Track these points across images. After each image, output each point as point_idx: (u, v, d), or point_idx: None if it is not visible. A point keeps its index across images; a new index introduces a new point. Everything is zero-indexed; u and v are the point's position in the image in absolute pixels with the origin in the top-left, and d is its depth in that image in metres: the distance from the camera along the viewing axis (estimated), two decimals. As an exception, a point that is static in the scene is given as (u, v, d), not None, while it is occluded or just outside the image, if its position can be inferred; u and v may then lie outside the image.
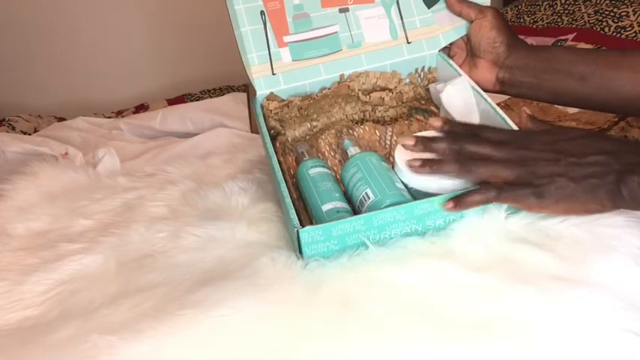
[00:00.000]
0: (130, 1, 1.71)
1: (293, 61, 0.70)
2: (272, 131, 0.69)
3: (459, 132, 0.52)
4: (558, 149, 0.47)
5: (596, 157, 0.46)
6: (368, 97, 0.72)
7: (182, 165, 0.87)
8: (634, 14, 1.10)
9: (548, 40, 1.19)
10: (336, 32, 0.70)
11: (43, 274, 0.59)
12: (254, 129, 1.20)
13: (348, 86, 0.71)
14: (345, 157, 0.65)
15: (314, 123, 0.71)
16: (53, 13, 1.68)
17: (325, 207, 0.54)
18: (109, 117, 1.48)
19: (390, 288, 0.47)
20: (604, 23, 1.14)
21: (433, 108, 0.71)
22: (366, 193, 0.54)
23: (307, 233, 0.49)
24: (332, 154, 0.68)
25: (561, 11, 1.27)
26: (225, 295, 0.48)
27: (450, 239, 0.52)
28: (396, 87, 0.73)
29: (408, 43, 0.72)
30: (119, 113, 1.53)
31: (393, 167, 0.58)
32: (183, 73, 1.79)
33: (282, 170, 0.58)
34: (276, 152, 0.61)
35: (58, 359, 0.44)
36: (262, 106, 0.70)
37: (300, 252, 0.52)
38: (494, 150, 0.50)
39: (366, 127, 0.71)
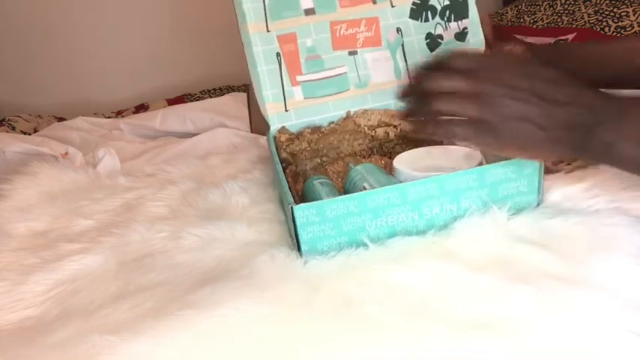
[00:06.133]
0: (130, 2, 1.71)
1: (305, 98, 0.75)
2: (283, 163, 0.72)
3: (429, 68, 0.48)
4: (532, 89, 0.43)
5: (568, 106, 0.42)
6: (374, 132, 0.76)
7: (182, 165, 0.87)
8: (634, 14, 1.10)
9: (548, 40, 1.19)
10: (345, 72, 0.76)
11: (43, 274, 0.58)
12: (254, 129, 1.20)
13: (355, 122, 0.75)
14: None
15: (324, 158, 0.75)
16: (53, 13, 1.68)
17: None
18: (109, 117, 1.48)
19: (389, 288, 0.47)
20: (604, 23, 1.14)
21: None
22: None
23: (301, 211, 0.50)
24: (339, 180, 0.71)
25: (561, 11, 1.27)
26: (225, 295, 0.48)
27: (451, 239, 0.52)
28: (400, 123, 0.76)
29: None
30: (119, 113, 1.52)
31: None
32: (183, 73, 1.79)
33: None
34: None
35: (58, 359, 0.44)
36: (275, 138, 0.75)
37: (297, 240, 0.52)
38: (462, 82, 0.44)
39: (373, 159, 0.75)
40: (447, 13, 0.74)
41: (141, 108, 1.55)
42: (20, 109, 1.56)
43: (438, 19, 0.75)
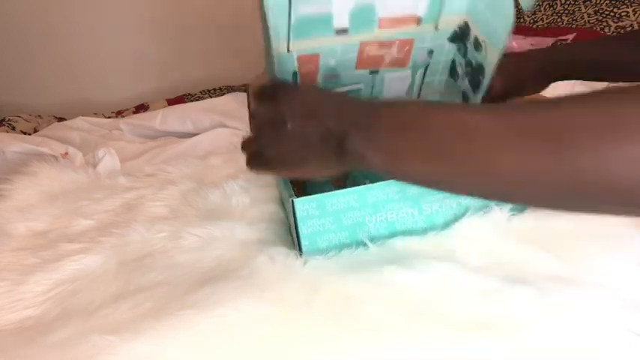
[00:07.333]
0: (130, 2, 1.71)
1: None
2: None
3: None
4: (277, 116, 0.43)
5: (313, 119, 0.41)
6: None
7: (182, 165, 0.87)
8: (634, 14, 1.10)
9: (549, 41, 1.19)
10: (360, 89, 0.68)
11: (43, 274, 0.58)
12: (254, 129, 1.20)
13: None
14: None
15: None
16: (53, 13, 1.68)
17: None
18: (109, 117, 1.48)
19: (389, 288, 0.47)
20: (604, 23, 1.14)
21: None
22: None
23: (302, 204, 0.51)
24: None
25: (561, 11, 1.27)
26: (225, 295, 0.48)
27: (451, 239, 0.52)
28: None
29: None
30: (119, 113, 1.52)
31: None
32: (183, 73, 1.79)
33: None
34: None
35: (58, 359, 0.44)
36: None
37: (298, 234, 0.52)
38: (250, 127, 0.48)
39: None
40: (471, 70, 0.65)
41: (141, 108, 1.55)
42: (20, 109, 1.56)
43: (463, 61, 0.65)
